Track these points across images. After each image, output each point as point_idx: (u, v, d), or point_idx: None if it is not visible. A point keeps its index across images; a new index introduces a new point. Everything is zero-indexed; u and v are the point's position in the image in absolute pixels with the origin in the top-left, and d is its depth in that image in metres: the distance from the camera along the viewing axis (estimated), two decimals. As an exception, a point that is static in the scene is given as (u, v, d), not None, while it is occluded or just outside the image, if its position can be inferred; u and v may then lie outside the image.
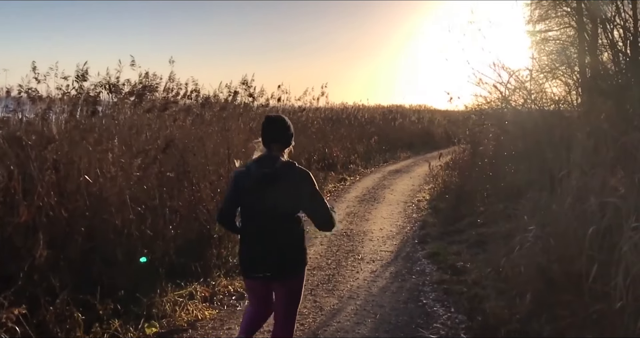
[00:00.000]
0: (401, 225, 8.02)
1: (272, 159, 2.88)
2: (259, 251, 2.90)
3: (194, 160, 5.91)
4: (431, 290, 5.03)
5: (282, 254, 2.91)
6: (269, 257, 2.89)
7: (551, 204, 4.99)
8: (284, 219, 2.91)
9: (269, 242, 2.88)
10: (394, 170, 14.53)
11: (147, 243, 4.62)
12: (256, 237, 2.92)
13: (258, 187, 2.83)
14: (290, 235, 2.94)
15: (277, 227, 2.89)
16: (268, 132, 2.96)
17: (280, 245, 2.90)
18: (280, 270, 2.92)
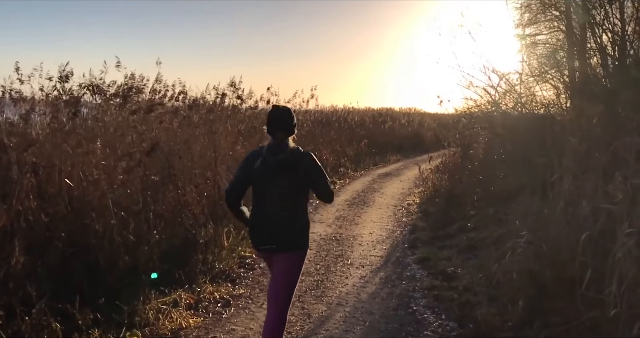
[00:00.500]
0: (391, 229, 7.93)
1: (282, 146, 3.20)
2: (267, 226, 3.21)
3: (180, 164, 5.78)
4: (421, 297, 4.93)
5: (287, 230, 3.20)
6: (275, 231, 3.19)
7: (543, 209, 4.93)
8: (289, 199, 3.21)
9: (277, 218, 3.19)
10: (384, 173, 14.46)
11: (129, 249, 4.48)
12: (265, 214, 3.22)
13: (265, 170, 3.17)
14: (296, 212, 3.24)
15: (286, 206, 3.20)
16: (274, 121, 3.24)
17: (287, 222, 3.20)
18: (284, 244, 3.20)
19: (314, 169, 3.24)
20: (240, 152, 8.28)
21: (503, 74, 9.42)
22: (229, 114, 9.96)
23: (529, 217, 4.95)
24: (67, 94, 5.31)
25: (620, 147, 4.25)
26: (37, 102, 5.71)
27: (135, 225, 4.58)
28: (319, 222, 8.34)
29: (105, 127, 6.08)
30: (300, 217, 3.26)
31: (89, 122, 5.98)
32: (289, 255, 3.24)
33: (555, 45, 11.51)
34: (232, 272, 5.56)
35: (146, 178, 5.41)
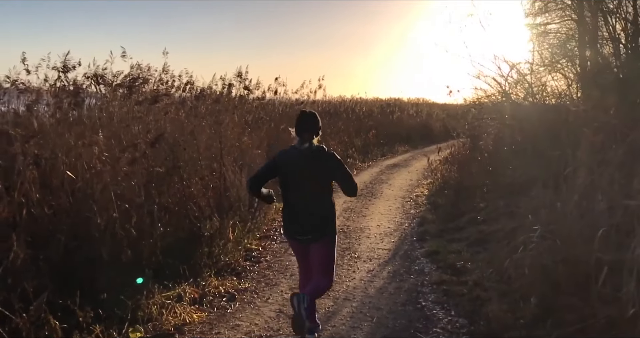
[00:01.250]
0: (399, 222, 7.82)
1: (303, 146, 3.60)
2: (300, 218, 3.63)
3: (185, 155, 5.69)
4: (430, 292, 4.82)
5: (317, 221, 3.61)
6: (308, 223, 3.60)
7: (556, 202, 4.80)
8: (319, 192, 3.62)
9: (307, 211, 3.60)
10: (392, 164, 14.32)
11: (132, 243, 4.40)
12: (298, 207, 3.64)
13: (298, 166, 3.58)
14: (324, 205, 3.64)
15: (315, 199, 3.62)
16: (301, 123, 3.66)
17: (316, 214, 3.61)
18: (316, 233, 3.62)
19: (337, 166, 3.59)
20: (247, 143, 8.20)
21: (514, 64, 9.23)
22: (235, 104, 9.86)
23: (542, 210, 4.82)
24: (71, 85, 5.21)
25: (637, 138, 4.10)
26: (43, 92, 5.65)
27: (138, 218, 4.50)
28: (326, 214, 8.24)
29: (110, 117, 6.00)
30: (328, 209, 3.67)
31: (96, 112, 5.91)
32: (324, 241, 3.65)
33: (567, 34, 11.28)
34: (238, 265, 5.48)
35: (151, 170, 5.33)
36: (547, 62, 9.71)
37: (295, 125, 3.67)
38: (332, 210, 3.70)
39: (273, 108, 12.98)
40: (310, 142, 3.61)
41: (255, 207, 6.78)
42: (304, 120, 3.67)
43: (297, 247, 3.82)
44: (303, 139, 3.60)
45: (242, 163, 7.06)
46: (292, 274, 5.31)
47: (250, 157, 7.67)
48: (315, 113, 3.77)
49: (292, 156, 3.61)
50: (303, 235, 3.64)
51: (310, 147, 3.59)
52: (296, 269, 5.41)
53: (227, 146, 6.80)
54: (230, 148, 6.91)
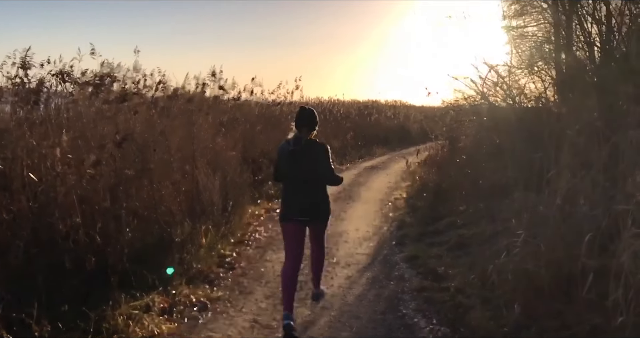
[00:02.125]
0: (378, 225, 7.68)
1: (300, 139, 4.03)
2: (300, 203, 4.05)
3: (155, 156, 5.43)
4: (411, 299, 4.67)
5: (316, 205, 4.11)
6: (308, 207, 4.06)
7: (538, 206, 4.69)
8: (316, 180, 4.09)
9: (307, 197, 4.05)
10: (370, 166, 14.22)
11: (97, 250, 4.14)
12: (297, 194, 4.09)
13: (292, 158, 4.02)
14: (321, 191, 4.14)
15: (312, 186, 4.07)
16: (301, 118, 4.10)
17: (314, 197, 4.09)
18: (315, 216, 4.13)
19: (323, 154, 4.07)
20: (222, 144, 7.96)
21: (492, 66, 9.19)
22: (210, 104, 9.61)
23: (524, 214, 4.71)
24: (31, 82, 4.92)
25: (621, 141, 4.01)
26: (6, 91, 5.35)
27: (103, 224, 4.24)
28: (303, 218, 8.05)
29: (77, 117, 5.72)
30: (323, 195, 4.16)
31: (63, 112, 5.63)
32: (319, 222, 4.21)
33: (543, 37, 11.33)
34: (211, 273, 5.25)
35: (119, 172, 5.07)
36: (525, 64, 9.72)
37: (296, 119, 4.12)
38: (327, 196, 4.19)
39: (249, 109, 12.76)
40: (305, 137, 4.05)
41: (230, 211, 6.55)
42: (304, 115, 4.12)
43: (292, 229, 4.13)
44: (302, 132, 4.06)
45: (215, 165, 6.82)
46: (268, 281, 5.11)
47: (224, 159, 7.43)
48: (313, 109, 4.22)
49: (295, 148, 4.04)
50: (303, 216, 4.07)
51: (306, 140, 4.05)
52: (272, 276, 5.25)
53: (200, 147, 6.55)
54: (203, 149, 6.67)
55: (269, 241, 6.64)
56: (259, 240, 6.66)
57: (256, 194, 9.09)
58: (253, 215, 7.94)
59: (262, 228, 7.27)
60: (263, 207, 8.59)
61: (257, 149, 10.85)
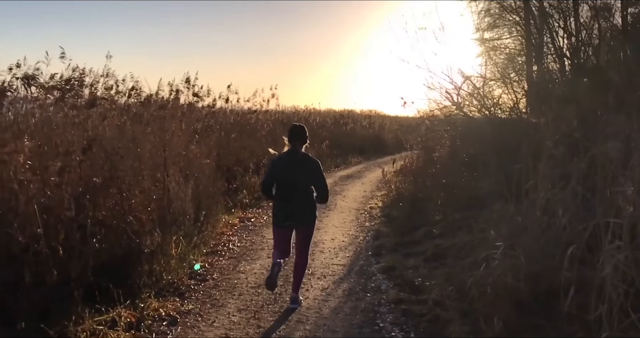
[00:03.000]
0: (354, 235, 7.56)
1: (295, 152, 4.55)
2: (291, 209, 4.53)
3: (124, 164, 5.22)
4: (388, 311, 4.55)
5: (303, 211, 4.56)
6: (295, 213, 4.53)
7: (516, 217, 4.64)
8: (303, 189, 4.57)
9: (294, 204, 4.53)
10: (346, 175, 14.13)
11: (60, 262, 3.91)
12: (288, 201, 4.55)
13: (288, 169, 4.52)
14: (307, 200, 4.60)
15: (299, 194, 4.55)
16: (293, 134, 4.60)
17: (303, 205, 4.56)
18: (301, 221, 4.60)
19: (317, 171, 4.58)
20: (195, 152, 7.76)
21: (466, 76, 9.24)
22: (183, 111, 9.40)
23: (502, 225, 4.65)
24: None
25: (600, 152, 3.99)
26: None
27: (66, 234, 4.02)
28: (278, 227, 7.88)
29: (43, 123, 5.48)
30: (311, 202, 4.63)
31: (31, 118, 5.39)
32: (306, 226, 4.67)
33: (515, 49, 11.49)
34: (182, 285, 5.05)
35: (87, 180, 4.85)
36: (498, 76, 9.81)
37: (289, 135, 4.61)
38: (314, 202, 4.65)
39: (225, 116, 12.56)
40: (299, 150, 4.56)
41: (202, 221, 6.35)
42: (296, 131, 4.62)
43: (281, 232, 4.66)
44: (294, 146, 4.56)
45: (188, 173, 6.62)
46: (241, 294, 4.94)
47: (197, 167, 7.24)
48: (303, 126, 4.72)
49: (286, 161, 4.56)
50: (292, 220, 4.57)
51: (300, 154, 4.56)
52: (245, 288, 5.08)
53: (173, 155, 6.35)
54: (176, 157, 6.47)
55: (243, 251, 6.46)
56: (232, 251, 6.48)
57: (230, 203, 8.90)
58: (227, 224, 7.75)
59: (236, 238, 7.09)
60: (237, 216, 8.41)
61: (232, 157, 10.66)
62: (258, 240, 7.06)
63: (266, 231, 7.59)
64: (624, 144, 3.67)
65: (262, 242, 6.97)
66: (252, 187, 10.27)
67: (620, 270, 3.15)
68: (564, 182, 4.26)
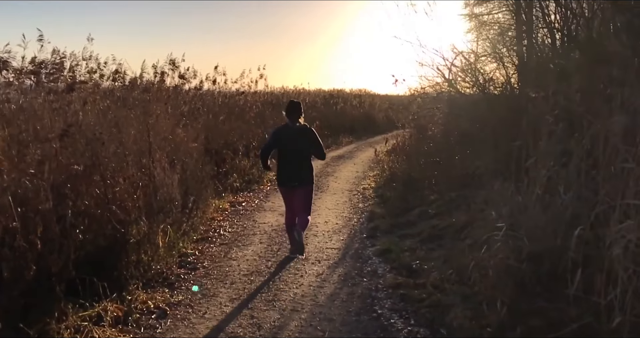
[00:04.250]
0: (347, 217, 7.40)
1: (293, 124, 5.33)
2: (290, 172, 5.32)
3: (107, 150, 4.98)
4: (386, 297, 4.40)
5: (302, 173, 5.33)
6: (296, 175, 5.31)
7: (516, 196, 4.48)
8: (303, 155, 5.37)
9: (296, 167, 5.32)
10: (337, 156, 13.93)
11: (39, 256, 3.69)
12: (290, 165, 5.33)
13: (288, 138, 5.30)
14: (306, 164, 5.39)
15: (300, 159, 5.34)
16: (290, 109, 5.38)
17: (301, 169, 5.33)
18: (301, 181, 5.33)
19: (313, 137, 5.36)
20: (182, 135, 7.51)
21: (458, 52, 9.03)
22: (169, 94, 9.10)
23: (501, 204, 4.49)
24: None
25: (604, 128, 3.81)
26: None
27: (45, 227, 3.79)
28: (269, 210, 7.71)
29: (20, 109, 5.20)
30: (309, 165, 5.40)
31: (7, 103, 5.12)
32: (306, 187, 5.38)
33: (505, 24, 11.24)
34: (171, 274, 4.87)
35: (66, 168, 4.60)
36: (488, 52, 9.59)
37: (286, 110, 5.41)
38: (311, 166, 5.43)
39: (212, 98, 12.25)
40: (298, 122, 5.34)
41: (191, 207, 6.15)
42: (293, 106, 5.41)
43: (286, 191, 5.46)
44: (292, 120, 5.34)
45: (175, 158, 6.38)
46: (233, 282, 4.76)
47: (185, 151, 7.00)
48: (299, 102, 5.56)
49: (287, 131, 5.35)
50: (293, 182, 5.32)
51: (299, 125, 5.35)
52: (237, 276, 4.92)
53: (158, 140, 6.10)
54: (161, 142, 6.22)
55: (234, 237, 6.28)
56: (223, 237, 6.29)
57: (220, 187, 8.69)
58: (217, 209, 7.55)
59: (227, 224, 6.90)
60: (228, 200, 8.21)
61: (221, 140, 10.40)
62: (250, 225, 6.87)
63: (257, 215, 7.41)
64: (631, 117, 3.47)
65: (254, 227, 6.79)
66: (243, 170, 10.05)
67: (630, 251, 2.99)
68: (566, 159, 4.10)
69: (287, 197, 5.49)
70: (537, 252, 3.91)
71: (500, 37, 10.69)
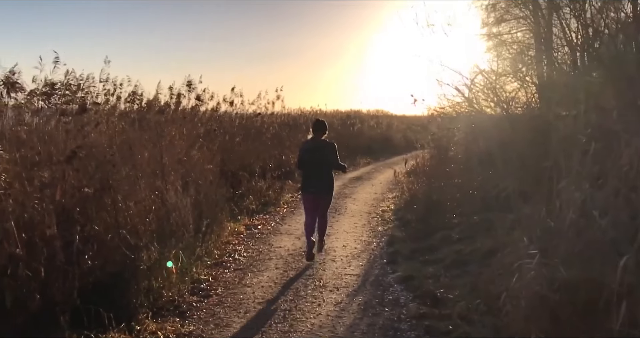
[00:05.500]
0: (366, 241, 7.14)
1: (318, 139, 6.03)
2: (314, 181, 5.95)
3: (118, 173, 4.84)
4: (409, 328, 4.12)
5: (324, 183, 5.97)
6: (318, 184, 5.95)
7: (546, 220, 4.20)
8: (325, 167, 5.98)
9: (318, 177, 5.95)
10: (355, 177, 13.71)
11: (43, 284, 3.52)
12: (312, 175, 5.97)
13: (312, 152, 5.96)
14: (328, 175, 6.03)
15: (322, 170, 5.96)
16: (316, 126, 6.08)
17: (323, 179, 5.96)
18: (322, 190, 5.99)
19: (332, 151, 5.96)
20: (197, 157, 7.38)
21: (479, 71, 8.85)
22: (184, 115, 9.03)
23: (532, 229, 4.21)
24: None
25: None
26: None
27: (49, 253, 3.62)
28: (286, 234, 7.49)
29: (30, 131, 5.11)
30: (330, 177, 6.06)
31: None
32: (326, 194, 6.05)
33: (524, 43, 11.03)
34: (183, 302, 4.66)
35: (76, 191, 4.46)
36: (508, 71, 9.38)
37: (312, 127, 6.14)
38: (332, 178, 6.12)
39: (230, 120, 12.17)
40: (320, 138, 6.03)
41: (204, 231, 5.95)
42: (318, 124, 6.11)
43: (309, 198, 6.07)
44: (316, 135, 6.04)
45: (188, 180, 6.22)
46: (247, 311, 4.53)
47: (200, 173, 6.85)
48: (324, 120, 6.29)
49: (310, 146, 6.04)
50: (314, 189, 5.97)
51: (321, 140, 6.03)
52: (252, 305, 4.69)
53: (172, 162, 5.96)
54: (175, 164, 6.08)
55: (250, 262, 6.05)
56: (238, 262, 6.07)
57: (236, 209, 8.50)
58: (232, 232, 7.35)
59: (242, 247, 6.69)
60: (243, 223, 8.01)
61: (237, 162, 10.27)
62: (265, 249, 6.65)
63: (273, 239, 7.20)
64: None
65: (270, 251, 6.57)
66: (259, 191, 9.88)
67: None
68: (601, 180, 3.83)
69: (308, 203, 6.08)
70: (573, 281, 3.63)
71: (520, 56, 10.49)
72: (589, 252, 3.68)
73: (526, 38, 11.07)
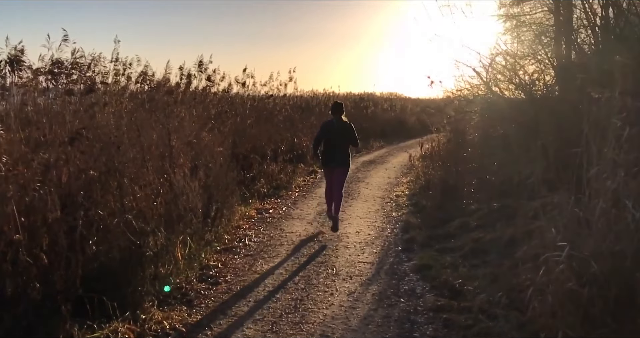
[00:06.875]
0: (380, 227, 6.94)
1: (337, 120, 6.74)
2: (334, 156, 6.70)
3: (124, 155, 4.65)
4: (426, 321, 3.92)
5: (342, 157, 6.73)
6: (337, 158, 6.69)
7: (574, 210, 3.95)
8: (343, 144, 6.74)
9: (338, 153, 6.68)
10: (368, 160, 13.49)
11: (45, 272, 3.36)
12: (334, 151, 6.69)
13: (333, 131, 6.70)
14: (345, 150, 6.77)
15: (340, 147, 6.71)
16: (335, 108, 6.84)
17: (342, 154, 6.72)
18: (341, 163, 6.74)
19: (351, 131, 6.72)
20: (207, 139, 7.19)
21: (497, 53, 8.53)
22: (195, 97, 8.82)
23: (559, 219, 3.96)
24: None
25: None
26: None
27: (51, 239, 3.46)
28: (297, 219, 7.32)
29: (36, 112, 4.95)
30: (347, 152, 6.80)
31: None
32: (344, 168, 6.80)
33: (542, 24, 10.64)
34: (190, 290, 4.50)
35: (79, 174, 4.28)
36: (526, 53, 9.05)
37: (332, 108, 6.86)
38: (349, 153, 6.84)
39: (242, 101, 11.93)
40: (341, 118, 6.71)
41: (213, 216, 5.78)
42: (337, 106, 6.83)
43: (328, 170, 6.84)
44: (336, 116, 6.71)
45: (197, 163, 6.03)
46: (257, 300, 4.36)
47: (209, 156, 6.65)
48: (342, 102, 7.03)
49: (332, 125, 6.72)
50: (335, 163, 6.68)
51: (341, 120, 6.70)
52: (262, 293, 4.51)
53: (181, 144, 5.77)
54: (183, 146, 5.89)
55: (260, 248, 5.89)
56: (248, 247, 5.91)
57: (247, 193, 8.34)
58: (243, 216, 7.20)
59: (253, 232, 6.53)
60: (254, 207, 7.85)
61: (248, 144, 10.07)
62: (276, 234, 6.48)
63: (285, 223, 7.02)
64: None
65: (281, 236, 6.40)
66: (270, 175, 9.69)
67: None
68: (637, 168, 3.58)
69: (328, 175, 6.88)
70: (603, 275, 3.40)
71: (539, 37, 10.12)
72: (621, 244, 3.45)
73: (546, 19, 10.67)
